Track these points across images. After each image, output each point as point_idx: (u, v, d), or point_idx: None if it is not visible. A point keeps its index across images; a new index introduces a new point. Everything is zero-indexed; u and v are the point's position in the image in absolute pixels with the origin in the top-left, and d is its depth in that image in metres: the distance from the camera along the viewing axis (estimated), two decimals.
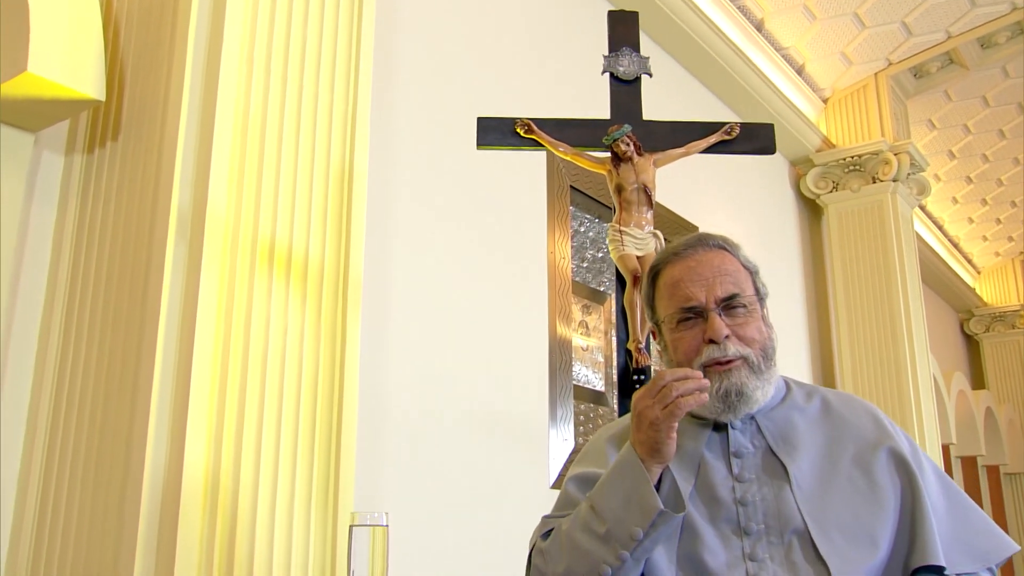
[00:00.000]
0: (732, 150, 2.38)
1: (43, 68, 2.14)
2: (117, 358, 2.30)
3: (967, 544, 1.37)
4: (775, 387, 1.49)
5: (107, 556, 2.12)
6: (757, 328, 1.46)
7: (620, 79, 2.38)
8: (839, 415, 1.46)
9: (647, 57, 2.40)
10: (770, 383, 1.45)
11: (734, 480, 1.42)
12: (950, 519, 1.40)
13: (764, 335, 1.46)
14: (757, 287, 1.50)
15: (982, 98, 8.11)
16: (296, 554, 2.27)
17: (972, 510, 1.43)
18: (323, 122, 2.58)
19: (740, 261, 1.52)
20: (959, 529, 1.39)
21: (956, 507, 1.42)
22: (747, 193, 6.59)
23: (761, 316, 1.48)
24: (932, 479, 1.42)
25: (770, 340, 1.46)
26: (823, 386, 6.69)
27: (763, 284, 1.52)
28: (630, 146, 2.26)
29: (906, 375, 6.86)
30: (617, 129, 2.28)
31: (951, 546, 1.36)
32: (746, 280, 1.49)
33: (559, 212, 4.59)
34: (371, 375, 3.14)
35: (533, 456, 4.05)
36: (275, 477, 2.27)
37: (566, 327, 4.49)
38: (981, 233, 10.87)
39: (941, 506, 1.40)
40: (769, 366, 1.45)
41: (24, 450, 2.42)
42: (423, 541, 3.27)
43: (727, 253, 1.52)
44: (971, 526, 1.40)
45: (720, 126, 2.38)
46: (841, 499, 1.36)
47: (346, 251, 2.60)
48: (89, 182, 2.53)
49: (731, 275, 1.48)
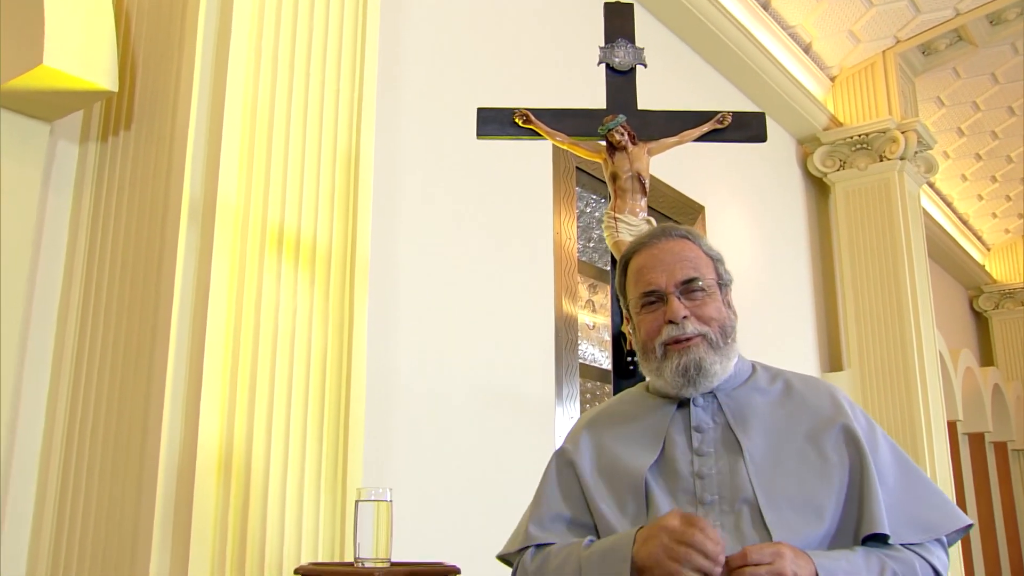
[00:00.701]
0: (724, 138, 2.44)
1: (58, 61, 2.21)
2: (133, 340, 2.38)
3: (914, 516, 1.41)
4: (739, 368, 1.57)
5: (126, 529, 2.22)
6: (716, 308, 1.54)
7: (616, 70, 2.44)
8: (799, 395, 1.52)
9: (642, 48, 2.46)
10: (729, 359, 1.53)
11: (693, 454, 1.51)
12: (900, 492, 1.43)
13: (723, 315, 1.54)
14: (719, 273, 1.58)
15: (991, 75, 8.09)
16: (306, 528, 2.36)
17: (925, 485, 1.46)
18: (329, 109, 2.64)
19: (702, 249, 1.59)
20: (908, 502, 1.42)
21: (908, 482, 1.45)
22: (754, 172, 6.62)
23: (722, 299, 1.56)
24: (887, 455, 1.47)
25: (729, 320, 1.54)
26: (826, 369, 6.71)
27: (726, 271, 1.60)
28: (624, 136, 2.33)
29: (912, 352, 6.90)
30: (612, 119, 2.35)
31: (898, 518, 1.40)
32: (707, 266, 1.57)
33: (565, 193, 4.65)
34: (379, 354, 3.22)
35: (539, 434, 4.13)
36: (285, 454, 2.36)
37: (572, 306, 4.56)
38: (991, 210, 10.86)
39: (892, 480, 1.44)
40: (727, 343, 1.53)
41: (45, 428, 2.51)
42: (430, 517, 3.36)
43: (688, 241, 1.60)
44: (921, 500, 1.43)
45: (712, 115, 2.44)
46: (790, 472, 1.43)
47: (353, 235, 2.67)
48: (103, 170, 2.60)
49: (691, 261, 1.56)
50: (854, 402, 1.54)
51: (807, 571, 1.30)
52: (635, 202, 2.31)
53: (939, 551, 1.43)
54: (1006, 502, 10.96)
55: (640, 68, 2.48)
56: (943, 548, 1.44)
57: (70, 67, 2.24)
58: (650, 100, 2.61)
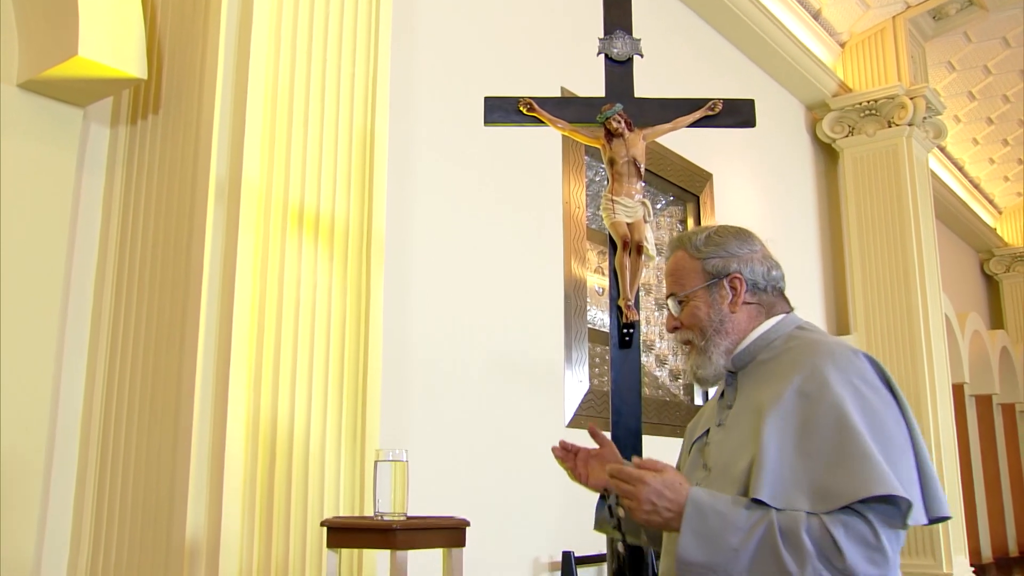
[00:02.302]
0: (716, 124, 2.57)
1: (92, 51, 2.36)
2: (165, 311, 2.55)
3: (814, 484, 1.36)
4: (762, 341, 1.63)
5: (163, 488, 2.41)
6: (692, 314, 1.66)
7: (614, 60, 2.56)
8: (784, 370, 1.54)
9: (639, 39, 2.57)
10: (713, 357, 1.63)
11: (716, 426, 1.66)
12: (803, 459, 1.39)
13: (700, 317, 1.65)
14: (708, 270, 1.66)
15: (1002, 39, 8.08)
16: (328, 486, 2.54)
17: (847, 453, 1.36)
18: (346, 92, 2.78)
19: (689, 253, 1.69)
20: (812, 469, 1.37)
21: (823, 448, 1.38)
22: (763, 139, 6.69)
23: (706, 300, 1.65)
24: (822, 418, 1.41)
25: (708, 319, 1.63)
26: (832, 333, 6.82)
27: (713, 265, 1.66)
28: (621, 123, 2.47)
29: (917, 316, 7.01)
30: (610, 108, 2.48)
31: (792, 484, 1.37)
32: (690, 273, 1.67)
33: (574, 163, 4.77)
34: (395, 323, 3.38)
35: (550, 397, 4.30)
36: (308, 418, 2.53)
37: (581, 274, 4.70)
38: (1002, 174, 10.87)
39: (794, 445, 1.41)
40: (710, 342, 1.63)
41: (85, 394, 2.69)
42: (445, 477, 3.54)
43: (680, 251, 1.72)
44: (832, 467, 1.36)
45: (705, 102, 2.57)
46: (729, 444, 1.55)
47: (369, 211, 2.82)
48: (133, 152, 2.76)
49: (675, 274, 1.70)
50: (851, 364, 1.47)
51: (675, 500, 1.40)
52: (631, 185, 2.45)
53: (855, 522, 1.33)
54: (1013, 463, 11.09)
55: (644, 50, 2.60)
56: (864, 521, 1.33)
57: (103, 57, 2.39)
58: (659, 69, 2.71)
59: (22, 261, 2.52)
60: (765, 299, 1.66)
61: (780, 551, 1.32)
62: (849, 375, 1.45)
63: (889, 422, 1.42)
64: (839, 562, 1.30)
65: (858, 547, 1.31)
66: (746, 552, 1.34)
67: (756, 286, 1.66)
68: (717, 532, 1.36)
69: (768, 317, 1.65)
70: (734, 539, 1.35)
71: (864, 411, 1.41)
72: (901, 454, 1.40)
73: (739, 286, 1.64)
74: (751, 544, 1.34)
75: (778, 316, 1.66)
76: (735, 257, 1.66)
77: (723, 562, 1.35)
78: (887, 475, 1.33)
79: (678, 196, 5.93)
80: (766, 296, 1.66)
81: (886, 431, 1.40)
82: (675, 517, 1.40)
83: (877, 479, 1.32)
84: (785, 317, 1.67)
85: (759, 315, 1.65)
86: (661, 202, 5.87)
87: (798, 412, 1.43)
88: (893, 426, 1.42)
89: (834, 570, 1.31)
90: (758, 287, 1.66)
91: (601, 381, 4.86)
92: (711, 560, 1.35)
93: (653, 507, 1.41)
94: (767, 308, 1.66)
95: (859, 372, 1.46)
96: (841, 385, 1.43)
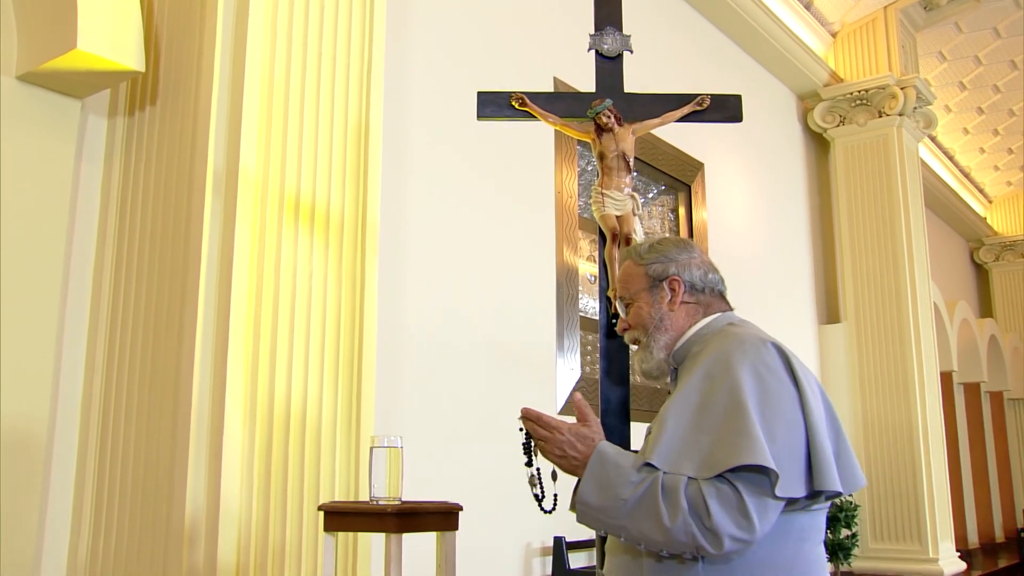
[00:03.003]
0: (704, 119, 2.63)
1: (90, 45, 2.40)
2: (164, 300, 2.60)
3: (701, 452, 1.49)
4: (697, 338, 1.75)
5: (163, 472, 2.46)
6: (636, 314, 1.80)
7: (604, 56, 2.61)
8: (703, 358, 1.64)
9: (629, 35, 2.62)
10: (654, 352, 1.76)
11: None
12: (695, 431, 1.52)
13: (643, 316, 1.79)
14: (650, 275, 1.79)
15: (993, 29, 8.13)
16: (324, 470, 2.59)
17: (731, 429, 1.47)
18: (340, 83, 2.82)
19: (634, 261, 1.84)
20: (700, 439, 1.50)
21: (713, 421, 1.51)
22: (754, 128, 6.74)
23: (648, 300, 1.79)
24: (718, 397, 1.53)
25: (650, 317, 1.77)
26: (823, 322, 6.87)
27: (654, 270, 1.79)
28: (611, 118, 2.52)
29: (906, 305, 7.08)
30: (600, 103, 2.54)
31: (681, 453, 1.50)
32: (635, 278, 1.82)
33: (566, 152, 4.81)
34: (389, 311, 3.43)
35: (542, 384, 4.36)
36: (304, 403, 2.58)
37: (573, 262, 4.75)
38: (992, 163, 10.94)
39: (691, 421, 1.53)
40: (651, 338, 1.77)
41: (84, 380, 2.74)
42: (438, 462, 3.60)
43: (628, 260, 1.87)
44: (717, 441, 1.48)
45: (693, 98, 2.63)
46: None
47: (364, 199, 2.87)
48: (131, 142, 2.80)
49: (623, 281, 1.85)
50: (756, 351, 1.57)
51: (584, 452, 1.59)
52: (620, 179, 2.51)
53: (726, 488, 1.44)
54: (1000, 450, 11.21)
55: (636, 37, 2.64)
56: (733, 488, 1.44)
57: (101, 50, 2.43)
58: (652, 59, 2.75)
59: (22, 249, 2.56)
60: (703, 299, 1.78)
61: (659, 503, 1.47)
62: (753, 361, 1.56)
63: (782, 404, 1.52)
64: (708, 521, 1.43)
65: (725, 510, 1.44)
66: (631, 502, 1.50)
67: (694, 287, 1.78)
68: (612, 482, 1.53)
69: (706, 316, 1.77)
70: (624, 491, 1.51)
71: (759, 393, 1.52)
72: (788, 432, 1.50)
73: (677, 287, 1.77)
74: (636, 495, 1.50)
75: (714, 314, 1.77)
76: (674, 262, 1.79)
77: (612, 508, 1.52)
78: (758, 449, 1.44)
79: (670, 185, 5.98)
80: (704, 296, 1.78)
81: (776, 411, 1.51)
82: (581, 465, 1.59)
83: (747, 450, 1.44)
84: (720, 315, 1.77)
85: (697, 313, 1.77)
86: (653, 191, 5.92)
87: (700, 392, 1.57)
88: (786, 407, 1.52)
89: (703, 528, 1.44)
90: (696, 288, 1.78)
91: (592, 369, 4.92)
92: (602, 505, 1.53)
93: (563, 453, 1.61)
94: (704, 307, 1.78)
95: (762, 358, 1.57)
96: (742, 369, 1.54)
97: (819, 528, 1.59)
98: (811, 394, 1.56)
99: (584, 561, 4.31)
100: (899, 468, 6.89)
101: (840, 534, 6.35)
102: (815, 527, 1.58)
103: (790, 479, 1.47)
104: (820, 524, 1.60)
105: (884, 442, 6.97)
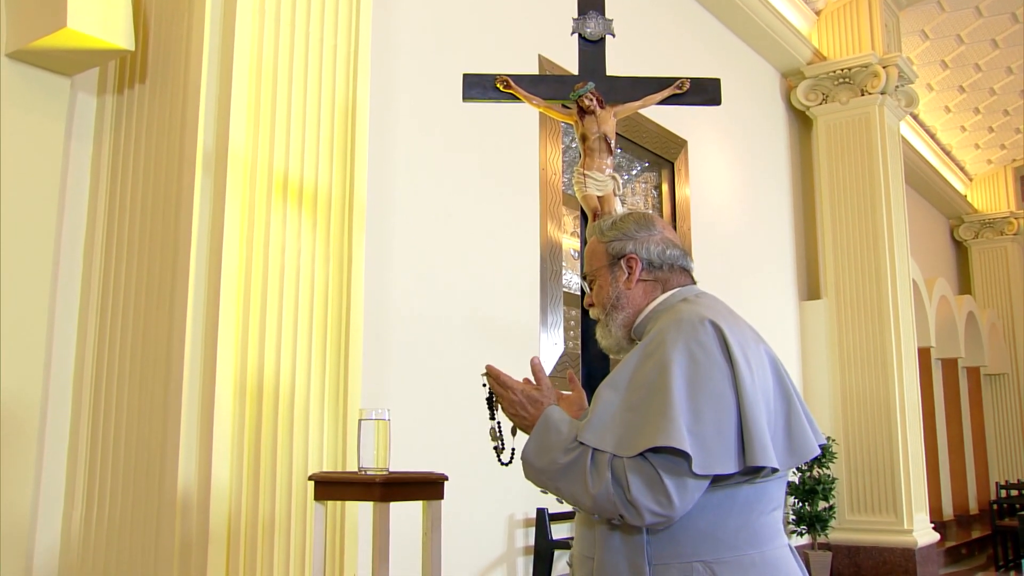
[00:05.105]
0: (683, 102, 2.69)
1: (80, 23, 2.42)
2: (155, 277, 2.64)
3: (623, 430, 1.55)
4: (653, 314, 1.77)
5: (155, 444, 2.51)
6: (598, 292, 1.83)
7: (587, 39, 2.66)
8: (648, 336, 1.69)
9: (611, 19, 2.66)
10: (612, 329, 1.80)
11: None
12: (624, 411, 1.57)
13: (602, 295, 1.82)
14: (609, 252, 1.81)
15: (975, 8, 8.19)
16: (312, 441, 2.66)
17: (652, 408, 1.52)
18: (328, 63, 2.86)
19: (598, 238, 1.86)
20: (626, 416, 1.56)
21: (639, 396, 1.56)
22: (738, 106, 6.79)
23: (607, 278, 1.81)
24: (647, 375, 1.56)
25: (608, 295, 1.80)
26: (804, 298, 6.90)
27: (613, 248, 1.81)
28: (593, 101, 2.58)
29: (886, 281, 7.18)
30: (582, 86, 2.59)
31: (608, 428, 1.57)
32: (597, 255, 1.84)
33: (551, 129, 4.85)
34: (376, 288, 3.48)
35: (525, 359, 4.40)
36: (293, 377, 2.64)
37: (557, 238, 4.81)
38: (973, 141, 11.05)
39: (621, 398, 1.58)
40: (609, 316, 1.80)
41: (76, 357, 2.79)
42: (424, 434, 3.67)
43: (593, 236, 1.89)
44: (639, 420, 1.53)
45: (673, 81, 2.69)
46: None
47: (351, 178, 2.91)
48: (120, 121, 2.83)
49: (588, 258, 1.88)
50: (692, 329, 1.59)
51: (533, 414, 1.69)
52: (602, 160, 2.57)
53: (646, 467, 1.49)
54: (976, 425, 11.40)
55: (620, 15, 2.69)
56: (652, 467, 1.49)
57: (91, 29, 2.45)
58: (636, 37, 2.80)
59: (12, 227, 2.60)
60: (661, 276, 1.79)
61: (586, 472, 1.55)
62: (686, 339, 1.58)
63: (712, 382, 1.54)
64: (628, 495, 1.51)
65: (645, 486, 1.50)
66: (563, 466, 1.59)
67: (651, 264, 1.78)
68: (552, 446, 1.62)
69: (664, 292, 1.78)
70: (560, 456, 1.60)
71: (689, 371, 1.54)
72: (716, 410, 1.52)
73: (635, 266, 1.78)
74: (568, 460, 1.59)
75: (672, 290, 1.79)
76: (632, 239, 1.80)
77: (548, 470, 1.61)
78: (673, 430, 1.48)
79: (653, 162, 6.03)
80: (662, 273, 1.79)
81: (705, 390, 1.53)
82: (529, 426, 1.69)
83: (662, 432, 1.48)
84: (677, 291, 1.78)
85: (655, 290, 1.78)
86: (636, 168, 5.97)
87: (635, 369, 1.61)
88: (716, 386, 1.54)
89: (624, 500, 1.51)
90: (653, 265, 1.78)
91: (575, 344, 4.99)
92: (540, 466, 1.62)
93: (515, 412, 1.72)
94: (663, 283, 1.79)
95: (696, 337, 1.58)
96: (674, 347, 1.56)
97: (770, 498, 1.61)
98: (746, 371, 1.56)
99: (566, 532, 4.40)
100: (876, 442, 7.02)
101: (818, 506, 6.50)
102: (765, 497, 1.60)
103: (714, 457, 1.50)
104: (772, 494, 1.62)
105: (862, 416, 7.10)
